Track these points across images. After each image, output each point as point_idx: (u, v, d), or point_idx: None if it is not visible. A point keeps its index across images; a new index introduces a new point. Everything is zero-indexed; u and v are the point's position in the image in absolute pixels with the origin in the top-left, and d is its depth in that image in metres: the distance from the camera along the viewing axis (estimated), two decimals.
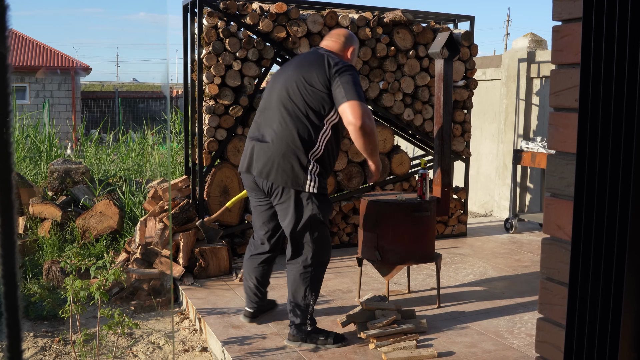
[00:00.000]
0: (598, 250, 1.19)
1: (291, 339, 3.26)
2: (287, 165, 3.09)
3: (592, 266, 1.21)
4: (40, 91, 20.93)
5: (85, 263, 3.27)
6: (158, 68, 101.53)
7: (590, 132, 1.20)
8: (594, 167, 1.19)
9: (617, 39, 1.14)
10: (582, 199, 1.22)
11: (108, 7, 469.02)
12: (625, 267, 1.15)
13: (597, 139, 1.19)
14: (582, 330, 1.23)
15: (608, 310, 1.18)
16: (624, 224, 1.15)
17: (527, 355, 3.17)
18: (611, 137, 1.16)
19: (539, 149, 5.93)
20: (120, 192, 6.09)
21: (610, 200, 1.17)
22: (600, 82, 1.17)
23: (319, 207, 3.16)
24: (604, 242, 1.18)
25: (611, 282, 1.17)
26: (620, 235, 1.15)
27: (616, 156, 1.15)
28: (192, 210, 4.74)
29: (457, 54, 4.13)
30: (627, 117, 1.14)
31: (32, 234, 5.46)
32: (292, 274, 3.25)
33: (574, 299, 1.24)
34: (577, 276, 1.23)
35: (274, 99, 3.24)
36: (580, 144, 1.22)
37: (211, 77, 4.78)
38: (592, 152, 1.20)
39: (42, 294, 3.80)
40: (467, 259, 5.19)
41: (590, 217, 1.20)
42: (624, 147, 1.15)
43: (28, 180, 6.23)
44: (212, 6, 4.77)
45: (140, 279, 4.28)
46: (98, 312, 3.11)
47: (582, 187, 1.22)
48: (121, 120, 21.29)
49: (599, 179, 1.18)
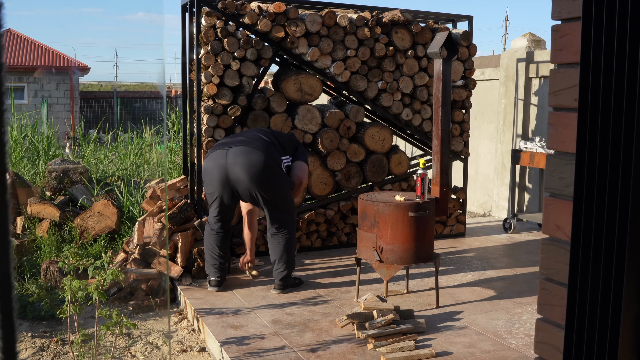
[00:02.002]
0: (597, 251, 1.19)
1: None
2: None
3: (591, 267, 1.20)
4: (38, 91, 20.90)
5: (84, 263, 3.26)
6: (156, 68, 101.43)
7: (589, 132, 1.19)
8: (594, 167, 1.19)
9: (616, 38, 1.14)
10: (581, 199, 1.21)
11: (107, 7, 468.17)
12: (624, 267, 1.14)
13: (596, 139, 1.18)
14: (581, 331, 1.22)
15: (607, 311, 1.17)
16: (623, 224, 1.14)
17: (526, 356, 3.16)
18: (611, 136, 1.16)
19: (537, 148, 5.93)
20: (119, 192, 6.08)
21: (609, 201, 1.16)
22: (600, 81, 1.17)
23: None
24: (603, 242, 1.18)
25: (611, 282, 1.17)
26: (620, 235, 1.15)
27: (616, 156, 1.15)
28: (190, 210, 4.73)
29: (455, 54, 4.12)
30: (626, 117, 1.13)
31: (30, 234, 5.45)
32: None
33: (574, 300, 1.24)
34: (577, 277, 1.22)
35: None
36: (579, 144, 1.21)
37: (209, 77, 4.77)
38: (591, 152, 1.19)
39: (40, 294, 3.79)
40: (466, 259, 5.18)
41: (589, 218, 1.20)
42: (623, 147, 1.14)
43: (26, 180, 6.21)
44: (211, 6, 4.77)
45: (138, 279, 4.28)
46: (96, 312, 3.10)
47: (581, 187, 1.21)
48: (119, 120, 21.27)
49: (599, 179, 1.18)
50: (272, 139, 4.21)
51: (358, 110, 5.45)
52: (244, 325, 3.59)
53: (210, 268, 4.25)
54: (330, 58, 5.17)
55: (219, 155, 4.06)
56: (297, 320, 3.67)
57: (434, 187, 4.10)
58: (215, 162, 4.04)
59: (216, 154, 4.08)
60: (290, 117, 5.13)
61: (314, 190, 5.29)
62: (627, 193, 1.14)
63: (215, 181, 4.06)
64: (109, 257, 3.33)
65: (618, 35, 1.14)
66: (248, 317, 3.72)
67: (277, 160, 4.09)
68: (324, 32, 5.11)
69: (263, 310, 3.84)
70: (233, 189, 4.06)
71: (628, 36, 1.12)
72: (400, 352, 3.13)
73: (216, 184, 4.06)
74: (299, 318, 3.71)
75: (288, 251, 4.17)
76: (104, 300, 3.07)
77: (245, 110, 4.97)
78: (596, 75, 1.18)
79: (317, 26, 5.05)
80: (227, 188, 4.06)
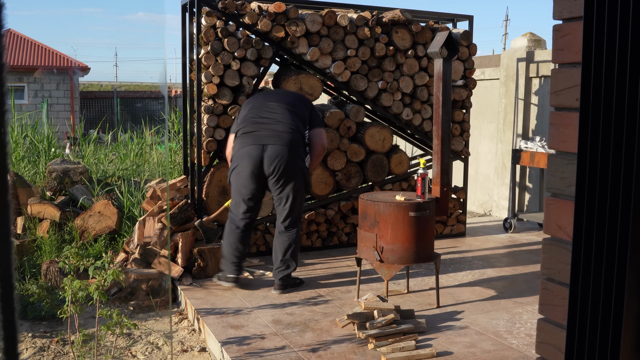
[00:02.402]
0: (599, 251, 1.18)
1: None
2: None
3: (593, 267, 1.20)
4: (38, 91, 20.90)
5: (84, 263, 3.26)
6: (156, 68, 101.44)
7: (591, 132, 1.19)
8: (596, 167, 1.18)
9: (618, 37, 1.13)
10: (583, 199, 1.21)
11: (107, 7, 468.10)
12: (626, 267, 1.14)
13: (598, 139, 1.18)
14: (583, 331, 1.22)
15: (609, 311, 1.17)
16: (625, 224, 1.14)
17: (527, 356, 3.16)
18: (613, 136, 1.15)
19: (538, 148, 5.93)
20: (119, 192, 6.08)
21: (611, 200, 1.16)
22: (602, 81, 1.17)
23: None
24: (605, 242, 1.18)
25: (612, 282, 1.17)
26: (622, 235, 1.15)
27: (618, 156, 1.15)
28: (190, 210, 4.73)
29: (456, 54, 4.12)
30: (629, 117, 1.13)
31: (31, 234, 5.45)
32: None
33: (575, 300, 1.24)
34: (578, 277, 1.22)
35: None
36: (581, 144, 1.21)
37: (210, 77, 4.77)
38: (593, 151, 1.19)
39: (41, 294, 3.78)
40: (466, 258, 5.18)
41: (591, 217, 1.20)
42: (625, 147, 1.14)
43: (26, 180, 6.21)
44: (211, 6, 4.76)
45: (138, 279, 4.27)
46: (97, 312, 3.10)
47: (583, 187, 1.21)
48: (120, 120, 21.27)
49: (601, 178, 1.18)
50: (298, 122, 4.17)
51: (358, 110, 5.45)
52: (244, 325, 3.59)
53: (229, 265, 4.22)
54: (331, 58, 5.17)
55: (255, 150, 4.06)
56: (298, 320, 3.66)
57: (435, 187, 4.09)
58: (252, 159, 4.06)
59: (252, 148, 4.07)
60: None
61: (314, 190, 5.29)
62: (629, 193, 1.13)
63: (248, 178, 4.10)
64: (109, 257, 3.33)
65: (620, 35, 1.13)
66: (248, 317, 3.72)
67: (303, 156, 4.16)
68: (324, 32, 5.11)
69: (263, 310, 3.84)
70: (265, 184, 4.16)
71: (630, 35, 1.12)
72: (400, 352, 3.13)
73: (250, 181, 4.10)
74: (300, 318, 3.71)
75: (293, 251, 4.19)
76: (105, 300, 3.07)
77: None
78: (598, 74, 1.17)
79: (317, 26, 5.05)
80: (260, 183, 4.14)
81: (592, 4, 1.18)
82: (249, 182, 4.11)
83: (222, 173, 4.99)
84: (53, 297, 4.04)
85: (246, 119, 4.21)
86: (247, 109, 4.28)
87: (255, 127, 4.15)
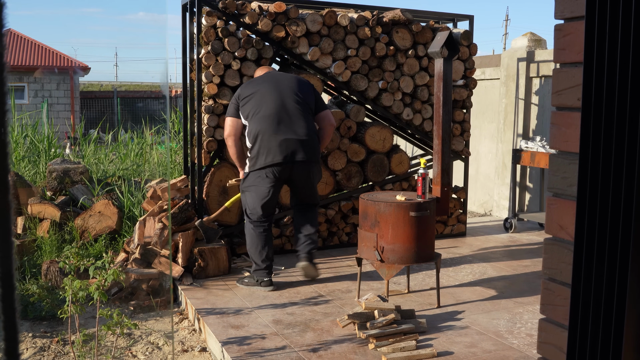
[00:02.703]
0: (601, 251, 1.18)
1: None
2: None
3: (595, 267, 1.20)
4: (39, 91, 20.90)
5: (84, 263, 3.26)
6: (157, 68, 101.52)
7: (593, 131, 1.19)
8: (597, 167, 1.18)
9: (620, 37, 1.13)
10: (585, 198, 1.21)
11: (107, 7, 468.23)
12: (628, 267, 1.14)
13: (600, 138, 1.18)
14: (585, 331, 1.22)
15: (611, 311, 1.17)
16: (627, 224, 1.14)
17: (527, 356, 3.16)
18: (615, 136, 1.15)
19: (538, 148, 5.93)
20: (119, 192, 6.08)
21: (613, 200, 1.16)
22: (604, 81, 1.16)
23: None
24: (607, 242, 1.17)
25: (614, 282, 1.16)
26: (624, 235, 1.14)
27: (620, 155, 1.14)
28: (191, 210, 4.73)
29: (456, 53, 4.12)
30: (630, 116, 1.13)
31: (31, 234, 5.45)
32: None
33: (577, 300, 1.23)
34: (580, 277, 1.22)
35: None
36: (583, 144, 1.21)
37: (210, 77, 4.77)
38: (595, 151, 1.19)
39: (41, 294, 3.78)
40: (467, 258, 5.18)
41: (593, 217, 1.19)
42: (627, 146, 1.14)
43: (27, 180, 6.21)
44: (211, 5, 4.76)
45: (139, 279, 4.27)
46: (97, 312, 3.10)
47: (585, 187, 1.21)
48: (120, 120, 21.27)
49: (602, 178, 1.17)
50: (311, 119, 4.29)
51: (359, 109, 5.45)
52: (245, 325, 3.59)
53: (262, 272, 4.24)
54: (331, 58, 5.16)
55: (285, 168, 4.14)
56: (298, 320, 3.66)
57: (435, 187, 4.09)
58: (282, 175, 4.16)
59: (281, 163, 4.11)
60: None
61: None
62: (631, 192, 1.13)
63: (273, 181, 4.16)
64: (109, 257, 3.32)
65: (622, 34, 1.13)
66: (249, 317, 3.72)
67: (320, 153, 4.37)
68: (324, 32, 5.10)
69: (264, 310, 3.84)
70: (285, 184, 4.36)
71: (632, 35, 1.12)
72: (401, 352, 3.13)
73: (277, 188, 4.22)
74: (300, 318, 3.71)
75: (317, 225, 4.50)
76: (105, 300, 3.07)
77: None
78: (600, 74, 1.17)
79: (317, 26, 5.04)
80: (281, 184, 4.28)
81: (594, 4, 1.17)
82: (274, 190, 4.21)
83: (223, 173, 4.99)
84: (53, 297, 4.03)
85: (263, 116, 4.14)
86: (257, 97, 4.20)
87: (277, 130, 4.11)
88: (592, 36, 1.18)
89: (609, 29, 1.15)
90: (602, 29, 1.16)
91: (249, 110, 4.19)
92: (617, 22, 1.14)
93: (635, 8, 1.11)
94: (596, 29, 1.17)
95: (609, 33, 1.15)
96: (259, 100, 4.19)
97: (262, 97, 4.19)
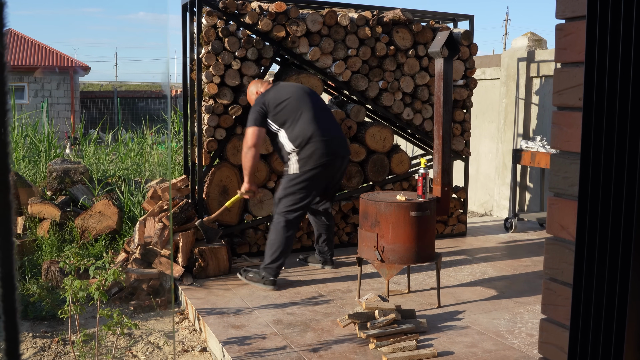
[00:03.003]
0: (603, 251, 1.18)
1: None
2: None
3: (596, 266, 1.20)
4: (39, 91, 20.90)
5: (85, 263, 3.26)
6: (157, 67, 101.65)
7: (594, 131, 1.18)
8: (599, 167, 1.18)
9: (622, 36, 1.13)
10: (586, 198, 1.21)
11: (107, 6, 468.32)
12: (630, 267, 1.14)
13: (601, 138, 1.17)
14: (586, 332, 1.22)
15: (613, 311, 1.16)
16: (629, 224, 1.14)
17: (528, 355, 3.16)
18: (616, 135, 1.15)
19: (538, 148, 5.92)
20: (119, 191, 6.08)
21: (615, 200, 1.16)
22: (605, 80, 1.16)
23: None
24: (608, 242, 1.17)
25: (616, 282, 1.16)
26: (626, 235, 1.14)
27: (621, 155, 1.14)
28: (191, 210, 4.72)
29: (457, 53, 4.12)
30: (632, 116, 1.13)
31: (31, 234, 5.44)
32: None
33: (578, 300, 1.23)
34: (582, 277, 1.22)
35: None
36: (584, 143, 1.21)
37: (210, 77, 4.77)
38: (596, 151, 1.18)
39: (41, 294, 3.78)
40: (467, 258, 5.18)
41: (594, 217, 1.19)
42: (629, 146, 1.13)
43: (27, 180, 6.21)
44: (212, 5, 4.76)
45: (139, 279, 4.27)
46: (97, 312, 3.10)
47: (586, 187, 1.21)
48: (120, 120, 21.27)
49: (604, 178, 1.17)
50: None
51: (359, 109, 5.44)
52: (245, 325, 3.58)
53: (271, 272, 4.29)
54: (331, 57, 5.16)
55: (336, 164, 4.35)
56: (299, 320, 3.66)
57: (435, 187, 4.09)
58: (329, 171, 4.32)
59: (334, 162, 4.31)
60: None
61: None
62: (633, 192, 1.13)
63: (319, 185, 4.35)
64: (110, 257, 3.32)
65: (623, 34, 1.13)
66: (249, 317, 3.72)
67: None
68: (324, 32, 5.10)
69: (264, 310, 3.84)
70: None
71: (633, 34, 1.12)
72: (401, 352, 3.12)
73: (323, 181, 4.37)
74: (301, 318, 3.70)
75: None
76: (105, 300, 3.07)
77: (246, 109, 4.97)
78: (601, 74, 1.17)
79: (318, 26, 5.04)
80: (325, 184, 4.47)
81: (596, 3, 1.17)
82: (319, 190, 4.42)
83: (223, 173, 4.98)
84: (53, 297, 4.03)
85: (308, 120, 4.26)
86: (292, 104, 4.31)
87: (324, 131, 4.28)
88: (593, 36, 1.18)
89: (611, 28, 1.15)
90: (604, 29, 1.16)
91: (286, 116, 4.27)
92: (618, 22, 1.14)
93: (636, 7, 1.11)
94: (598, 28, 1.17)
95: (611, 32, 1.15)
96: (296, 106, 4.29)
97: (299, 103, 4.30)
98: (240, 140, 4.94)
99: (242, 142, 4.93)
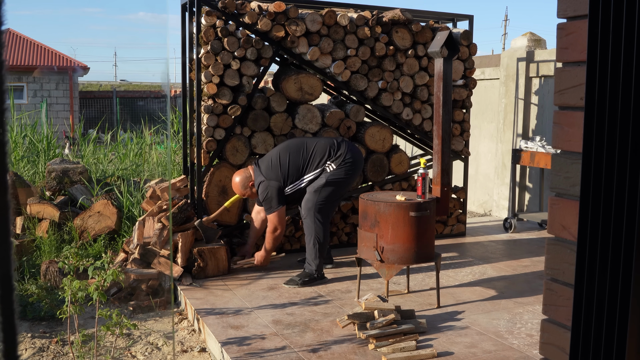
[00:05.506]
0: (604, 251, 1.17)
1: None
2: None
3: (598, 267, 1.19)
4: (38, 91, 20.88)
5: (84, 263, 3.25)
6: (157, 67, 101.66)
7: (596, 131, 1.18)
8: (601, 167, 1.17)
9: (624, 36, 1.12)
10: (588, 198, 1.20)
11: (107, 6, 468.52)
12: (632, 267, 1.13)
13: (603, 138, 1.17)
14: (588, 332, 1.21)
15: (615, 312, 1.16)
16: (631, 224, 1.13)
17: (528, 356, 3.15)
18: (618, 135, 1.14)
19: (538, 148, 5.92)
20: (118, 192, 6.07)
21: (617, 200, 1.15)
22: (607, 79, 1.15)
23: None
24: (610, 242, 1.16)
25: (618, 282, 1.16)
26: (627, 235, 1.14)
27: (623, 155, 1.14)
28: (190, 210, 4.72)
29: (456, 53, 4.11)
30: (634, 115, 1.12)
31: (30, 234, 5.43)
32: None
33: (580, 300, 1.23)
34: (583, 277, 1.21)
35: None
36: (586, 143, 1.20)
37: (209, 77, 4.76)
38: (598, 150, 1.18)
39: (40, 295, 3.77)
40: (467, 258, 5.17)
41: (596, 217, 1.19)
42: (631, 146, 1.13)
43: (26, 180, 6.20)
44: (211, 5, 4.75)
45: (138, 279, 4.26)
46: (96, 312, 3.09)
47: (588, 187, 1.20)
48: (119, 120, 21.26)
49: (606, 178, 1.17)
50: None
51: (358, 109, 5.44)
52: (244, 325, 3.58)
53: (321, 265, 4.45)
54: (331, 57, 5.16)
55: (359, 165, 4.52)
56: (298, 321, 3.65)
57: (435, 187, 4.08)
58: (356, 173, 4.50)
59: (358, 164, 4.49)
60: (290, 117, 5.12)
61: None
62: (635, 192, 1.12)
63: (350, 185, 4.57)
64: (109, 257, 3.32)
65: (625, 33, 1.12)
66: (249, 318, 3.71)
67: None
68: (324, 32, 5.09)
69: (264, 311, 3.83)
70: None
71: (635, 33, 1.11)
72: (401, 352, 3.12)
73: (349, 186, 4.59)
74: (300, 318, 3.70)
75: None
76: (104, 300, 3.06)
77: (246, 109, 4.96)
78: (603, 73, 1.16)
79: (317, 25, 5.04)
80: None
81: (597, 2, 1.17)
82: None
83: (222, 173, 4.98)
84: (52, 297, 4.02)
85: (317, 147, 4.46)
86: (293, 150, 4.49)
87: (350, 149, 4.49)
88: (595, 35, 1.18)
89: (613, 27, 1.14)
90: (606, 28, 1.16)
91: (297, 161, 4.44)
92: (620, 21, 1.13)
93: (639, 6, 1.10)
94: (599, 27, 1.16)
95: (613, 31, 1.15)
96: (294, 149, 4.47)
97: (289, 147, 4.50)
98: (240, 140, 4.94)
99: (242, 142, 4.93)
